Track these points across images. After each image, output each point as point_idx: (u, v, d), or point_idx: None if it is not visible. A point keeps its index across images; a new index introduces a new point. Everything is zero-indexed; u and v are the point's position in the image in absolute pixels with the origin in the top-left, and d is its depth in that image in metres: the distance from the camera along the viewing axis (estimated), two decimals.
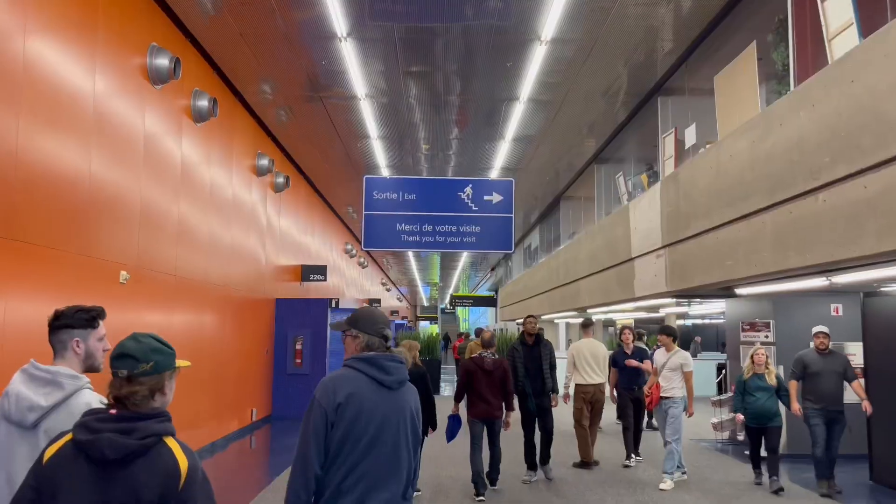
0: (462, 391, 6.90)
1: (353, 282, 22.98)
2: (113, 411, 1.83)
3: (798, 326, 8.82)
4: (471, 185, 9.23)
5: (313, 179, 14.74)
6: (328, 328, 12.14)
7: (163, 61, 6.54)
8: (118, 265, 5.94)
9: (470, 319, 67.98)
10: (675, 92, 9.11)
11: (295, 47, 7.89)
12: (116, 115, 5.94)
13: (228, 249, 9.15)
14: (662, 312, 16.01)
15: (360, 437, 2.48)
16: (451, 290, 48.60)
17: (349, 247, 21.12)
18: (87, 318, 2.45)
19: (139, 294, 6.34)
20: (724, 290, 8.73)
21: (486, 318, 62.53)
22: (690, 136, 8.04)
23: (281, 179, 11.65)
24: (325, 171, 13.89)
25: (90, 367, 2.42)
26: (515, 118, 10.21)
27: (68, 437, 1.81)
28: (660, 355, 7.80)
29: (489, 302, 30.30)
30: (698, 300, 10.78)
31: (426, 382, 6.30)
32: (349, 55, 8.05)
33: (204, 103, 7.72)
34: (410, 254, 28.84)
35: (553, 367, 7.55)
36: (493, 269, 33.66)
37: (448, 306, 57.91)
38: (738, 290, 7.72)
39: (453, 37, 7.64)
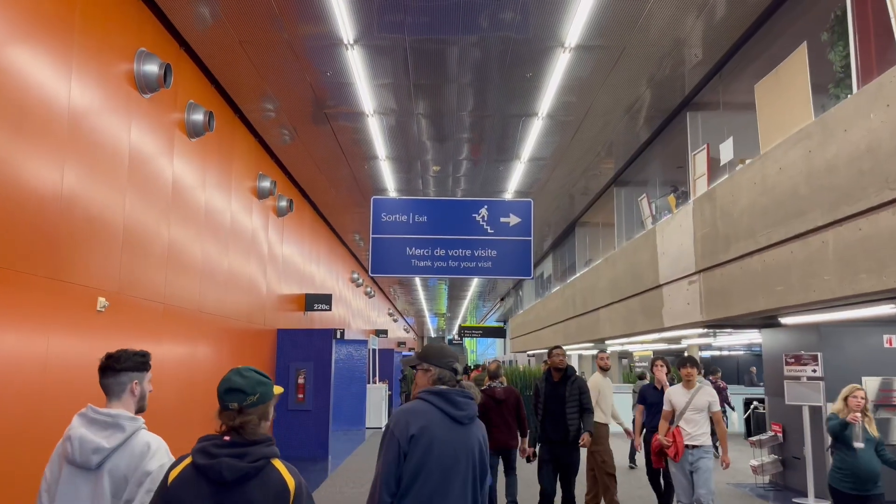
0: None
1: (359, 312, 22.28)
2: (227, 438, 2.06)
3: (849, 359, 8.06)
4: (486, 207, 8.58)
5: (318, 204, 14.14)
6: (332, 359, 11.45)
7: (151, 68, 5.96)
8: (96, 291, 5.29)
9: (478, 351, 67.09)
10: (705, 107, 8.49)
11: (299, 58, 7.33)
12: (96, 125, 5.34)
13: (225, 276, 8.50)
14: (685, 343, 15.23)
15: (431, 471, 2.57)
16: (458, 321, 47.79)
17: (355, 275, 20.46)
18: (143, 361, 2.63)
19: (120, 323, 5.67)
20: (766, 320, 8.02)
21: (493, 350, 61.62)
22: (727, 151, 7.39)
23: (284, 203, 11.04)
24: (330, 195, 13.30)
25: (141, 408, 2.60)
26: (532, 136, 9.60)
27: (188, 460, 2.05)
28: (677, 393, 6.21)
29: (498, 333, 29.49)
30: (728, 330, 10.04)
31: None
32: (356, 67, 7.48)
33: (199, 117, 7.14)
34: (418, 283, 28.16)
35: (585, 410, 6.36)
36: (502, 300, 32.91)
37: (456, 337, 57.07)
38: (785, 320, 7.01)
39: (467, 49, 7.07)
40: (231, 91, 8.26)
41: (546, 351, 21.91)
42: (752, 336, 12.38)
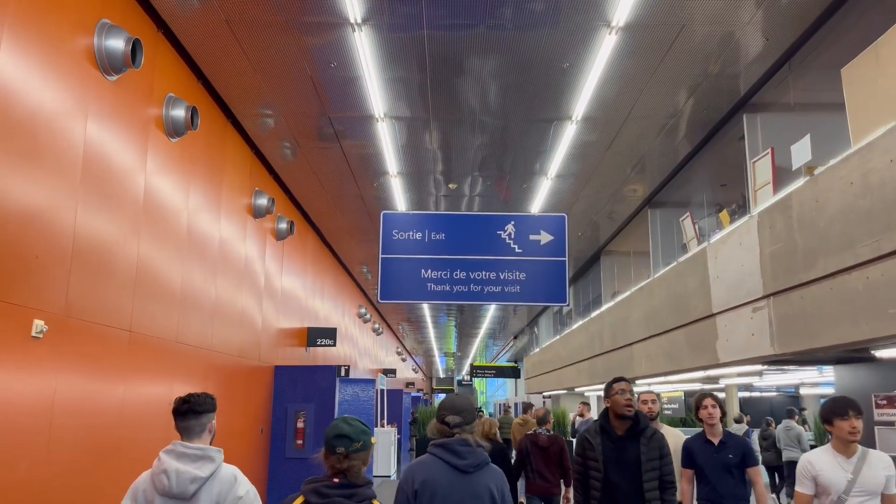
0: (518, 470, 6.97)
1: (366, 351, 21.02)
2: (336, 480, 2.42)
3: None
4: (513, 223, 7.47)
5: (323, 230, 13.05)
6: (336, 401, 10.20)
7: (115, 43, 4.91)
8: (31, 312, 4.15)
9: (487, 392, 65.31)
10: (766, 107, 7.40)
11: (299, 45, 6.30)
12: (34, 107, 4.26)
13: (212, 304, 7.36)
14: (723, 383, 13.89)
15: None
16: (469, 360, 46.34)
17: (363, 310, 19.27)
18: (214, 402, 3.03)
19: (66, 352, 4.51)
20: (850, 353, 6.78)
21: (504, 391, 59.91)
22: (801, 153, 6.27)
23: (284, 225, 9.95)
24: (335, 220, 12.21)
25: (211, 444, 2.94)
26: (563, 145, 8.50)
27: (301, 499, 2.42)
28: (827, 464, 3.84)
29: (513, 373, 28.09)
30: (791, 367, 8.78)
31: (505, 460, 6.76)
32: (364, 54, 6.44)
33: (180, 113, 6.08)
34: (428, 319, 26.93)
35: (667, 484, 4.16)
36: (515, 338, 31.56)
37: (465, 378, 55.52)
38: (883, 353, 5.79)
39: (492, 32, 6.03)
40: (221, 90, 7.23)
41: (561, 393, 20.45)
42: (806, 374, 11.09)
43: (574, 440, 10.20)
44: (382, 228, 7.46)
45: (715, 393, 5.26)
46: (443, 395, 57.17)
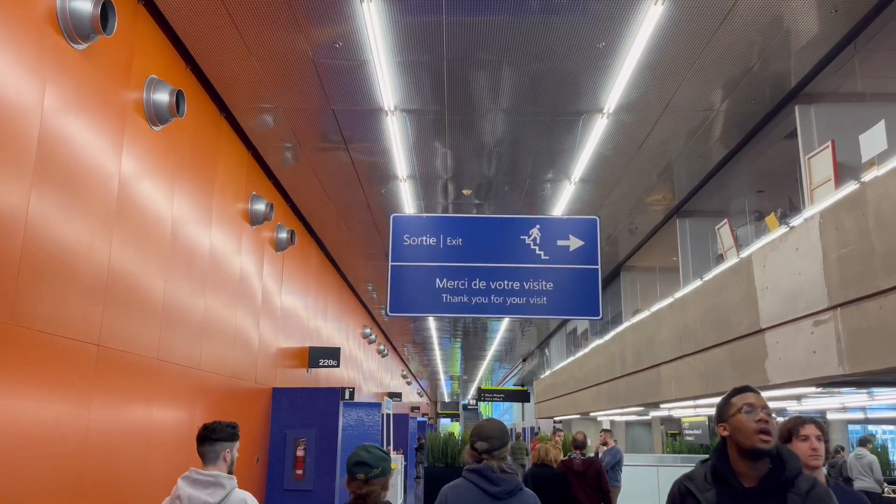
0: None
1: (371, 375, 20.15)
2: None
3: None
4: (539, 227, 6.67)
5: (327, 243, 12.27)
6: (339, 425, 9.34)
7: (82, 4, 4.17)
8: None
9: (493, 417, 64.06)
10: (821, 97, 6.63)
11: (301, 24, 5.57)
12: None
13: (200, 319, 6.56)
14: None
15: None
16: (475, 384, 45.33)
17: (368, 330, 18.43)
18: (233, 432, 3.18)
19: (7, 366, 3.70)
20: None
21: (510, 416, 58.74)
22: (873, 143, 5.48)
23: (284, 234, 9.17)
24: (340, 232, 11.44)
25: (230, 472, 3.07)
26: (591, 144, 7.72)
27: None
28: None
29: (522, 397, 27.11)
30: (850, 389, 7.91)
31: (560, 487, 6.57)
32: (375, 42, 5.70)
33: (163, 97, 5.33)
34: (435, 341, 26.04)
35: None
36: (524, 360, 30.62)
37: (471, 402, 54.39)
38: None
39: (515, 25, 5.30)
40: (212, 76, 6.49)
41: (574, 418, 19.31)
42: (856, 399, 10.19)
43: None
44: (392, 233, 6.68)
45: (817, 418, 3.84)
46: (447, 421, 56.04)
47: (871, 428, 27.21)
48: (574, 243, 6.59)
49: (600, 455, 9.51)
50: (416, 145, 7.82)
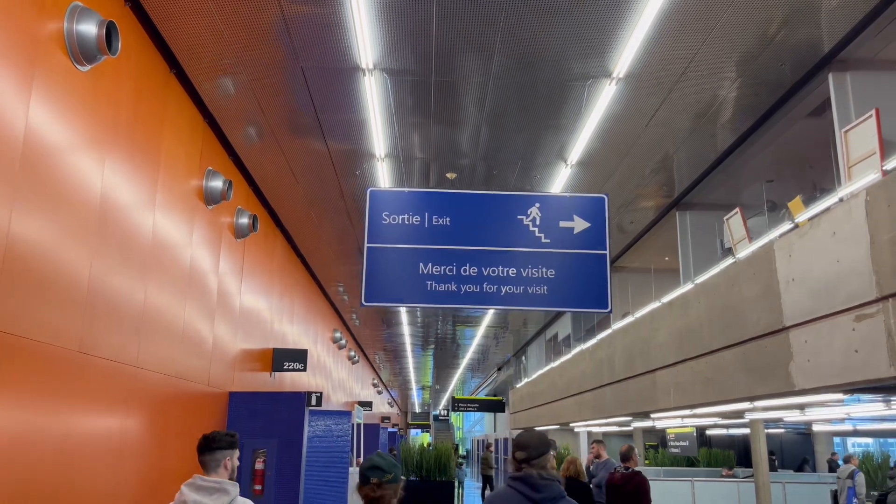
0: None
1: (340, 383, 19.07)
2: None
3: None
4: (538, 205, 5.79)
5: (294, 235, 11.25)
6: (304, 435, 8.34)
7: None
8: None
9: (464, 428, 63.05)
10: (858, 64, 5.87)
11: None
12: None
13: (138, 311, 5.55)
14: (748, 417, 12.22)
15: None
16: (447, 394, 44.36)
17: (338, 335, 17.38)
18: (232, 440, 3.28)
19: None
20: None
21: (482, 427, 57.82)
22: None
23: (245, 220, 8.17)
24: (309, 221, 10.45)
25: (232, 479, 3.18)
26: (595, 117, 6.88)
27: None
28: None
29: (497, 407, 26.21)
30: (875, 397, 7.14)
31: (589, 496, 6.77)
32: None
33: (90, 28, 4.35)
34: (408, 348, 25.04)
35: None
36: (499, 369, 29.73)
37: (442, 413, 53.34)
38: None
39: None
40: (160, 22, 5.51)
41: (553, 428, 18.41)
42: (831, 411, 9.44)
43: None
44: (369, 209, 5.75)
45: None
46: (417, 432, 54.93)
47: (856, 441, 26.80)
48: (579, 225, 5.73)
49: (592, 468, 8.64)
50: (396, 115, 6.90)
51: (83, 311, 4.60)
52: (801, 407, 10.12)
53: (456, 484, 16.28)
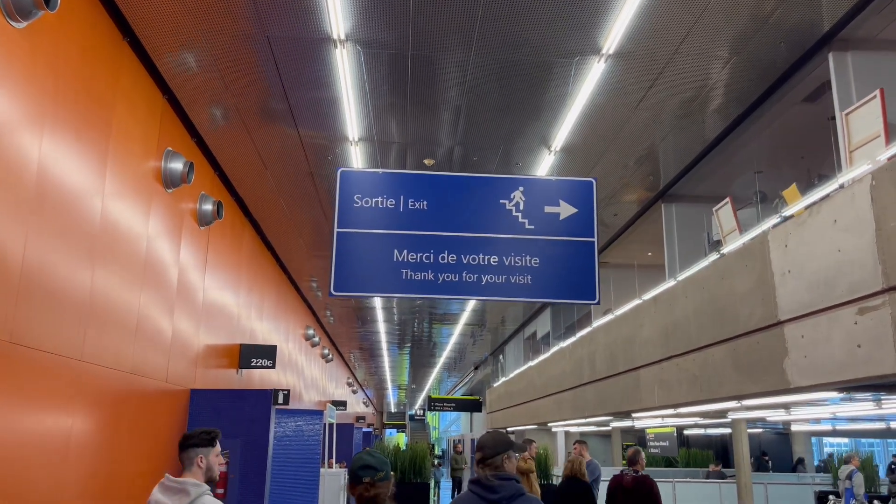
0: None
1: (313, 381, 18.56)
2: None
3: None
4: (522, 189, 5.39)
5: (264, 226, 10.76)
6: (271, 434, 7.87)
7: None
8: None
9: (440, 428, 62.66)
10: (860, 44, 5.56)
11: None
12: None
13: (84, 299, 5.06)
14: (731, 417, 11.95)
15: None
16: (423, 393, 43.94)
17: (311, 331, 16.87)
18: (208, 438, 3.22)
19: None
20: None
21: (458, 427, 57.49)
22: None
23: (209, 206, 7.68)
24: (278, 209, 9.97)
25: (210, 479, 3.17)
26: (581, 100, 6.51)
27: None
28: None
29: (474, 406, 25.84)
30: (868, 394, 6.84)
31: (590, 497, 6.78)
32: None
33: None
34: (384, 346, 24.57)
35: None
36: (476, 368, 29.37)
37: (418, 413, 52.89)
38: None
39: None
40: None
41: (530, 428, 18.01)
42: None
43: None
44: (339, 192, 5.30)
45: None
46: (393, 431, 54.45)
47: (830, 441, 26.84)
48: (565, 210, 5.34)
49: None
50: (371, 93, 6.47)
51: (15, 297, 4.11)
52: (787, 406, 9.88)
53: (432, 484, 15.86)
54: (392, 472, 2.70)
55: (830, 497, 10.38)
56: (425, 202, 5.28)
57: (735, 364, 6.68)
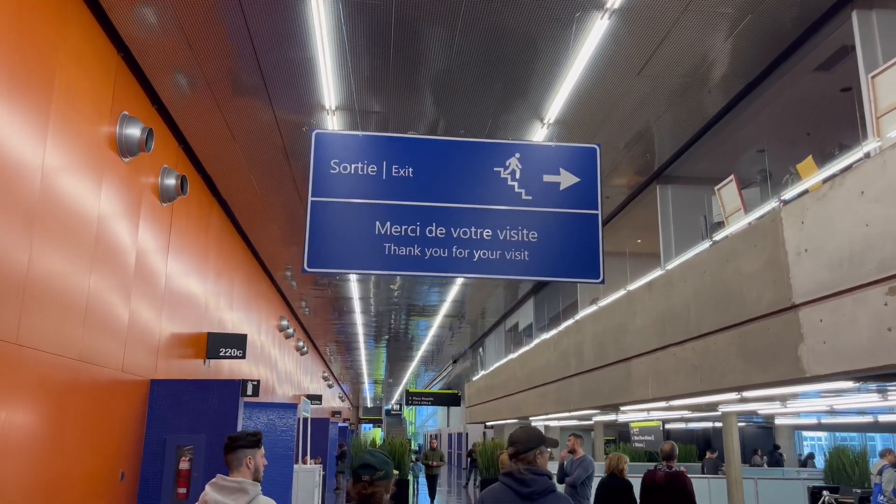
0: None
1: (287, 375, 17.91)
2: None
3: None
4: (519, 155, 4.84)
5: (234, 209, 10.11)
6: (239, 429, 7.25)
7: None
8: None
9: (416, 423, 62.18)
10: (884, 1, 5.10)
11: None
12: None
13: (20, 276, 4.43)
14: (722, 410, 11.56)
15: None
16: (400, 388, 43.39)
17: (284, 322, 16.22)
18: (255, 440, 3.31)
19: None
20: None
21: (434, 422, 57.04)
22: None
23: (172, 180, 7.04)
24: (250, 189, 9.34)
25: (256, 479, 3.22)
26: (581, 59, 5.98)
27: None
28: None
29: (452, 400, 25.34)
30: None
31: (630, 499, 6.53)
32: None
33: None
34: (361, 339, 23.97)
35: None
36: (454, 362, 28.89)
37: (395, 407, 52.33)
38: None
39: None
40: None
41: (511, 422, 17.45)
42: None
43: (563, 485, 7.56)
44: (313, 156, 4.71)
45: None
46: (370, 426, 53.87)
47: (806, 434, 26.75)
48: (566, 179, 4.81)
49: (566, 465, 7.79)
50: (350, 55, 5.88)
51: None
52: (784, 399, 9.49)
53: (411, 480, 15.30)
54: (395, 472, 2.76)
55: (824, 493, 10.03)
56: (411, 169, 4.71)
57: (741, 352, 6.22)
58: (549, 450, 3.13)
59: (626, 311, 9.06)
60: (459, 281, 14.96)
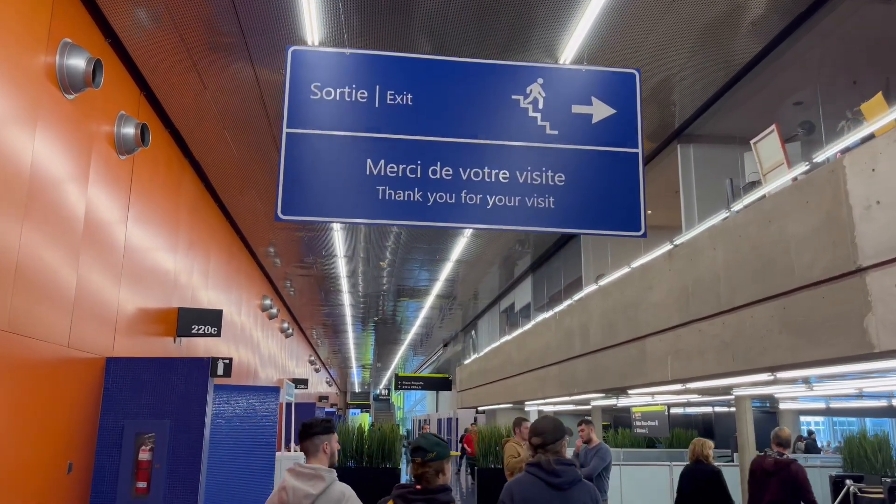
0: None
1: (271, 358, 17.02)
2: (418, 486, 2.78)
3: None
4: (542, 81, 3.95)
5: (209, 172, 9.16)
6: (207, 413, 6.39)
7: None
8: None
9: (405, 408, 61.51)
10: None
11: None
12: None
13: None
14: (735, 394, 10.80)
15: None
16: (389, 372, 42.64)
17: (268, 301, 15.31)
18: (329, 426, 3.41)
19: None
20: None
21: (423, 406, 56.42)
22: None
23: (130, 129, 6.11)
24: (226, 150, 8.40)
25: (332, 464, 3.32)
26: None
27: (391, 502, 2.78)
28: None
29: (443, 385, 24.56)
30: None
31: (721, 486, 6.23)
32: None
33: None
34: (349, 323, 23.09)
35: None
36: (445, 346, 28.08)
37: (383, 392, 51.60)
38: None
39: None
40: None
41: (505, 407, 16.72)
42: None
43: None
44: (289, 78, 3.80)
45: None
46: (358, 411, 53.20)
47: (803, 419, 26.21)
48: (600, 111, 3.93)
49: (580, 455, 7.00)
50: None
51: None
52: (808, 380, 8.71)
53: (403, 468, 14.55)
54: (452, 453, 1.98)
55: (847, 481, 9.30)
56: (410, 95, 3.82)
57: (785, 326, 5.40)
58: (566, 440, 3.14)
59: (640, 284, 8.24)
60: (452, 258, 14.11)
